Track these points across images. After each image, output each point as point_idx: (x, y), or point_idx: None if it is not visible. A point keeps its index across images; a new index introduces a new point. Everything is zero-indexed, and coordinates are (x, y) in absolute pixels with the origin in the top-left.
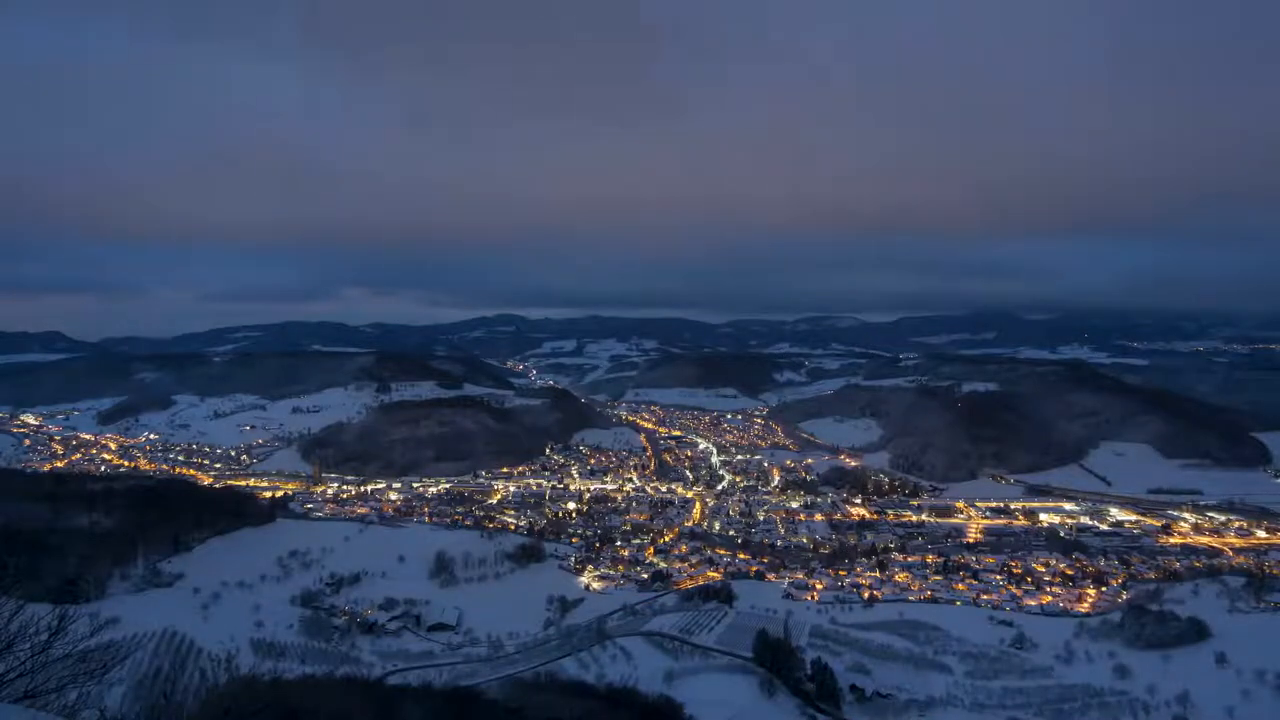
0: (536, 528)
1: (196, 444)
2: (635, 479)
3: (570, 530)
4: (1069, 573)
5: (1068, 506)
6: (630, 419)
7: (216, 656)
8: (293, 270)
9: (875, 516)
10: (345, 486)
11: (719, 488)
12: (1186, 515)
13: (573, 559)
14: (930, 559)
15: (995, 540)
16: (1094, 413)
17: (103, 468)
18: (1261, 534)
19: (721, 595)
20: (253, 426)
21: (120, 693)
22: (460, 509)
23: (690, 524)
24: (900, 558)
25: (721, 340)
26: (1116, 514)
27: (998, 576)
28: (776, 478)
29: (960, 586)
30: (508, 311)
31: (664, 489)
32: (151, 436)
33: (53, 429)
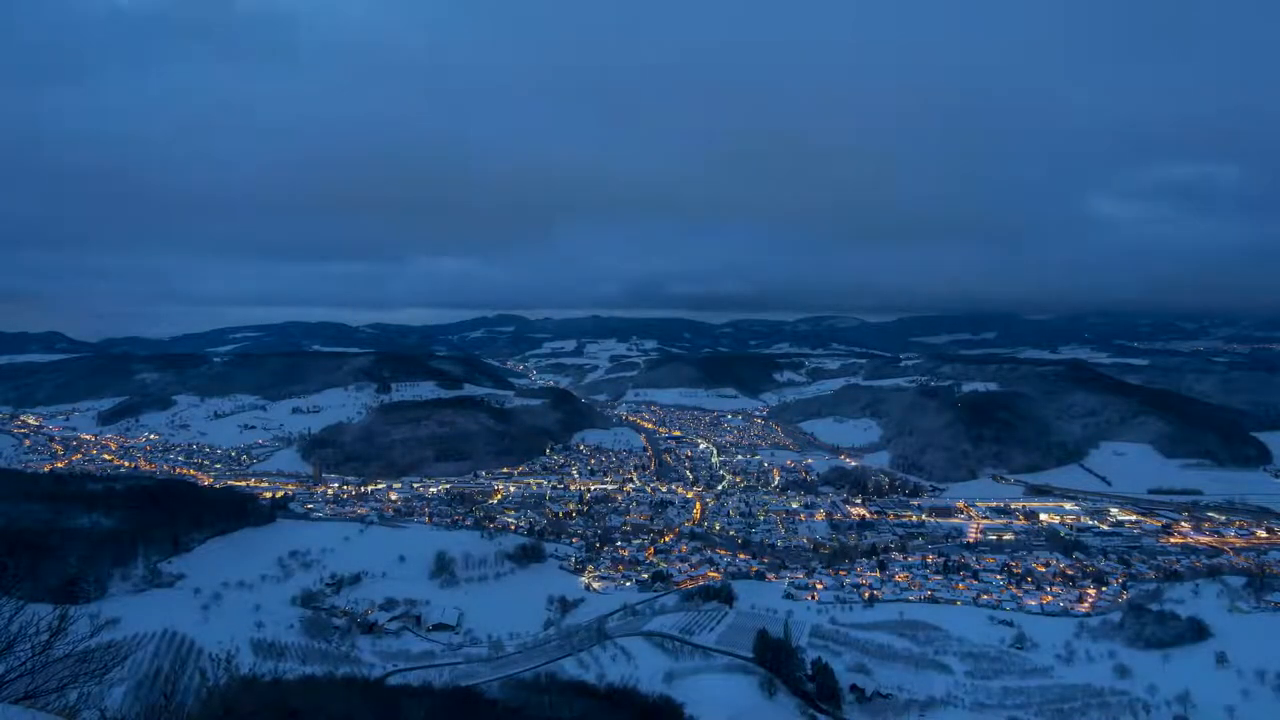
0: (537, 528)
1: (197, 444)
2: (635, 479)
3: (570, 530)
4: (1069, 573)
5: (1068, 506)
6: (630, 419)
7: (217, 657)
8: None
9: (875, 516)
10: (345, 487)
11: (719, 488)
12: (1186, 515)
13: (573, 559)
14: (930, 559)
15: (995, 540)
16: (1094, 413)
17: (103, 468)
18: (1261, 534)
19: (722, 595)
20: (253, 427)
21: (120, 693)
22: (460, 509)
23: (690, 524)
24: (900, 558)
25: (721, 340)
26: (1117, 514)
27: (998, 576)
28: (776, 478)
29: (960, 586)
30: (508, 311)
31: (664, 489)
32: (151, 437)
33: (53, 429)
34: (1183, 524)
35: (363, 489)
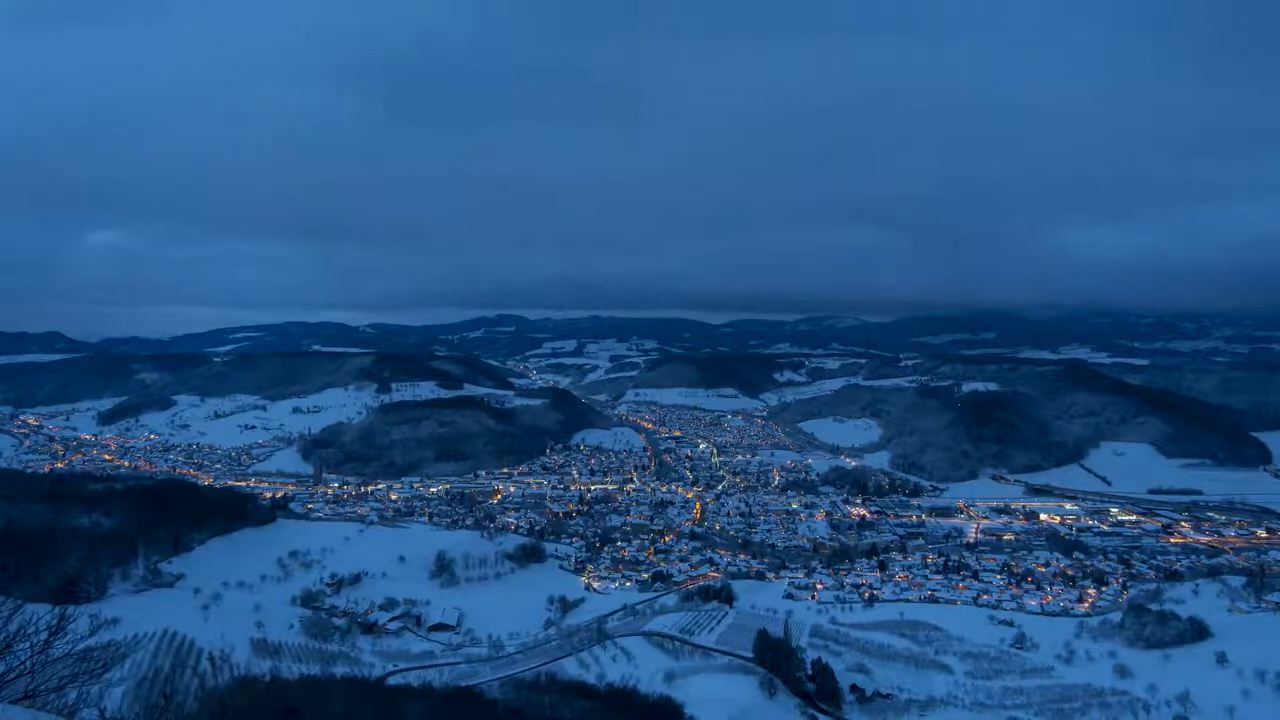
0: (537, 528)
1: (197, 444)
2: (635, 479)
3: (570, 530)
4: (1069, 573)
5: (1068, 506)
6: (630, 419)
7: (216, 657)
8: None
9: (875, 516)
10: (345, 487)
11: (719, 488)
12: (1187, 515)
13: (573, 559)
14: (930, 559)
15: (995, 540)
16: (1094, 413)
17: (103, 468)
18: (1261, 534)
19: (722, 595)
20: (253, 427)
21: (120, 693)
22: (461, 509)
23: (690, 524)
24: (900, 558)
25: (721, 340)
26: (1117, 514)
27: (998, 576)
28: (777, 478)
29: (961, 586)
30: (508, 311)
31: (664, 489)
32: (151, 437)
33: (53, 429)
34: (1183, 524)
35: (363, 489)
